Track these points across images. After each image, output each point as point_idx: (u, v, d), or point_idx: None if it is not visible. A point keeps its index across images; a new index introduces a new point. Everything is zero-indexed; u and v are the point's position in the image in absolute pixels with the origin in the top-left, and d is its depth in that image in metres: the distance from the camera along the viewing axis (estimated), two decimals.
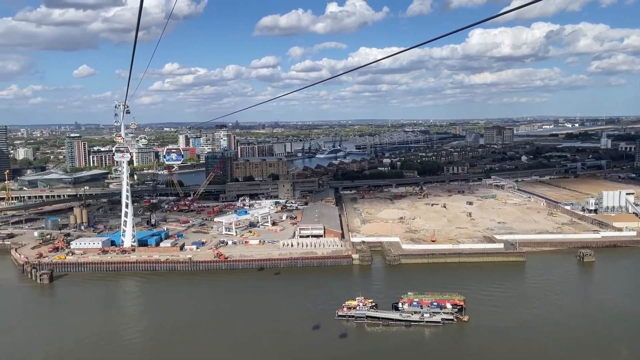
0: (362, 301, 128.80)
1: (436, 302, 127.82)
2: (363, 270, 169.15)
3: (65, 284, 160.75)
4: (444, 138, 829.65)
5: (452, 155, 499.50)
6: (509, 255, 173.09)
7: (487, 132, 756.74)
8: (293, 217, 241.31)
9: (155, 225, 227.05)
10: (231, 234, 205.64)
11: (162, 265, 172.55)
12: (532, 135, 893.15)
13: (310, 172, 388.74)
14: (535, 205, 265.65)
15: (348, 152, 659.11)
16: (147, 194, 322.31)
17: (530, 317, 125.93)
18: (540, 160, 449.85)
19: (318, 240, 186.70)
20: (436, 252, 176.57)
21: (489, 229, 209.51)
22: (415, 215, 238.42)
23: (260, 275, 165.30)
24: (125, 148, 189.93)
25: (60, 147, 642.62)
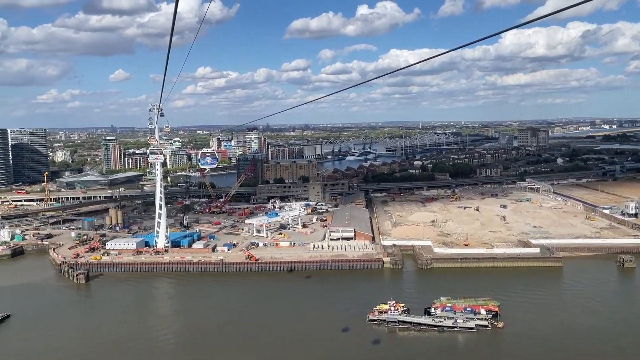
0: (393, 305, 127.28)
1: (470, 308, 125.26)
2: (394, 273, 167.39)
3: (101, 284, 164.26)
4: (476, 140, 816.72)
5: (484, 158, 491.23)
6: (545, 261, 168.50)
7: (521, 134, 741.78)
8: (323, 219, 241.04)
9: (188, 227, 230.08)
10: (262, 236, 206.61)
11: (194, 267, 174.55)
12: (567, 137, 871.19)
13: (341, 175, 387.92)
14: (572, 209, 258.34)
15: (378, 155, 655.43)
16: (180, 195, 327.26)
17: (568, 324, 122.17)
18: (576, 163, 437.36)
19: (348, 243, 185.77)
20: (469, 256, 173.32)
21: (523, 233, 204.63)
22: (448, 218, 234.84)
23: (290, 277, 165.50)
24: (159, 150, 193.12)
25: (97, 149, 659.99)
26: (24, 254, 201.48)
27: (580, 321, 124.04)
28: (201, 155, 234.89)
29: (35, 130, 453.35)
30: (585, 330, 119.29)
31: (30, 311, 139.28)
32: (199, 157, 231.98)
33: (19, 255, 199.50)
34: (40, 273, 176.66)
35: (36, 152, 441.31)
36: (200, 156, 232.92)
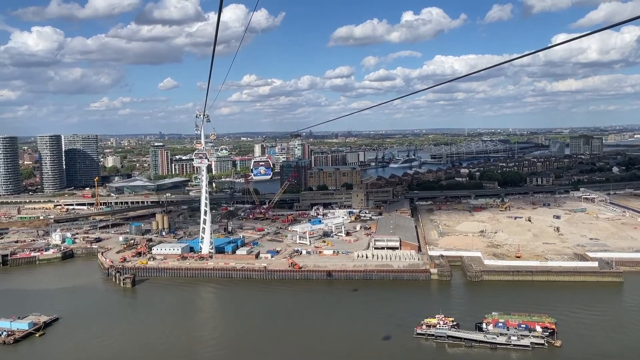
0: (442, 319, 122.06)
1: (524, 324, 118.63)
2: (442, 286, 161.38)
3: (147, 288, 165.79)
4: (525, 147, 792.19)
5: (535, 166, 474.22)
6: (605, 275, 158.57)
7: (572, 141, 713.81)
8: (367, 227, 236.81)
9: (232, 233, 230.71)
10: (305, 243, 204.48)
11: (237, 273, 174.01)
12: (622, 145, 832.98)
13: (384, 182, 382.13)
14: (631, 220, 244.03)
15: (423, 162, 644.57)
16: (225, 201, 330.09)
17: (630, 345, 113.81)
18: (634, 172, 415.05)
19: (394, 253, 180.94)
20: (522, 269, 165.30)
21: (579, 245, 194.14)
22: (497, 228, 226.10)
23: (334, 286, 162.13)
24: (204, 154, 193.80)
25: (145, 155, 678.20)
26: (74, 257, 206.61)
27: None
28: (254, 164, 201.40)
29: (88, 136, 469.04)
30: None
31: (78, 314, 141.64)
32: (252, 166, 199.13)
33: (69, 258, 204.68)
34: (88, 276, 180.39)
35: (88, 157, 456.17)
36: (252, 165, 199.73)
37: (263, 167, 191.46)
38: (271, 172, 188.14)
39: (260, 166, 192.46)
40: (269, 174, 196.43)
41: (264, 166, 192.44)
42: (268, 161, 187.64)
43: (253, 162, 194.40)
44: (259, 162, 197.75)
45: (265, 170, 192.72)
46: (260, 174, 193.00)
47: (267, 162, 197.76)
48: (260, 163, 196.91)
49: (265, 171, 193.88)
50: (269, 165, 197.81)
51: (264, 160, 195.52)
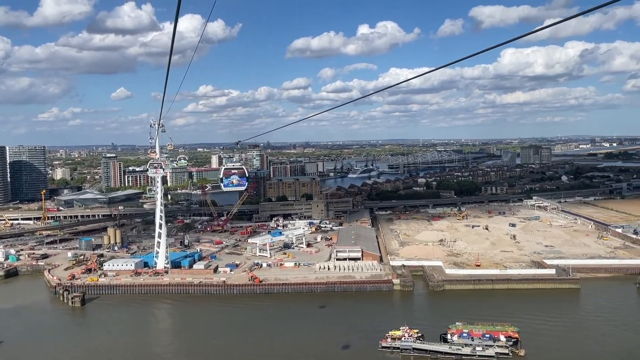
0: (407, 331, 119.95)
1: (488, 334, 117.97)
2: (404, 296, 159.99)
3: (97, 307, 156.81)
4: (479, 157, 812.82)
5: (489, 175, 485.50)
6: (562, 282, 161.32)
7: (523, 151, 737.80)
8: (328, 238, 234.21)
9: (189, 246, 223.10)
10: (265, 256, 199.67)
11: (195, 288, 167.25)
12: (569, 154, 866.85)
13: (344, 192, 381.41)
14: (582, 227, 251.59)
15: (381, 172, 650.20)
16: (181, 213, 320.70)
17: (591, 352, 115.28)
18: (582, 181, 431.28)
19: (356, 264, 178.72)
20: (483, 277, 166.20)
21: (536, 252, 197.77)
22: (456, 237, 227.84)
23: (296, 300, 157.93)
24: (159, 164, 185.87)
25: (97, 167, 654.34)
26: (18, 275, 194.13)
27: (603, 348, 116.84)
28: (224, 173, 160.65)
29: (34, 147, 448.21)
30: (610, 358, 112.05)
31: (22, 337, 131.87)
32: (221, 175, 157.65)
33: (12, 276, 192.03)
34: (33, 296, 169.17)
35: (35, 169, 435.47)
36: (222, 174, 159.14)
37: (236, 177, 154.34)
38: (246, 181, 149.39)
39: (233, 175, 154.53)
40: (243, 184, 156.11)
41: (237, 175, 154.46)
42: (243, 169, 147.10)
43: (223, 171, 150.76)
44: (231, 170, 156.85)
45: (238, 180, 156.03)
46: (232, 185, 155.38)
47: (242, 170, 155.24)
48: (233, 171, 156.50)
49: (239, 181, 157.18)
50: (243, 174, 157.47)
51: (237, 168, 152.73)
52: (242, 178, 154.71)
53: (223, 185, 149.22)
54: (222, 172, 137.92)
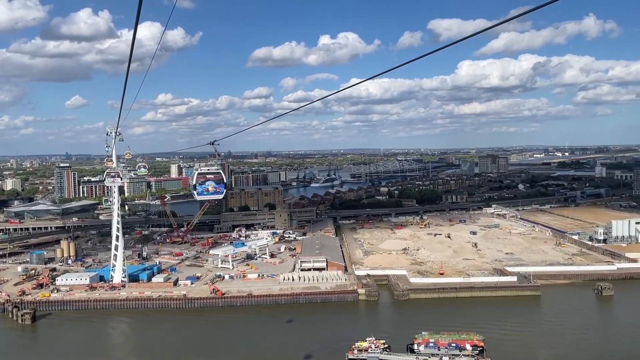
0: (373, 342, 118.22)
1: (454, 343, 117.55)
2: (370, 306, 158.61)
3: (49, 324, 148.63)
4: (438, 167, 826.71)
5: (449, 184, 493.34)
6: (524, 290, 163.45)
7: (481, 160, 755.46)
8: (292, 248, 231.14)
9: (147, 259, 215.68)
10: (227, 267, 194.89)
11: (154, 303, 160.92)
12: (524, 164, 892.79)
13: (307, 201, 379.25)
14: (540, 235, 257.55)
15: (343, 181, 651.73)
16: (139, 225, 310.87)
17: (556, 357, 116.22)
18: (538, 189, 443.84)
19: (321, 274, 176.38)
20: (447, 286, 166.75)
21: (497, 260, 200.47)
22: (419, 245, 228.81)
23: (260, 312, 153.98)
24: (116, 173, 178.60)
25: (50, 177, 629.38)
26: None
27: (567, 355, 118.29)
28: (197, 178, 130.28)
29: None
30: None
31: None
32: (193, 181, 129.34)
33: None
34: None
35: None
36: (195, 180, 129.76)
37: (212, 183, 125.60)
38: (224, 188, 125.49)
39: (208, 181, 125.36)
40: (220, 192, 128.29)
41: (213, 180, 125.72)
42: (220, 173, 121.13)
43: (196, 176, 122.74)
44: (206, 175, 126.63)
45: (215, 186, 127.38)
46: (208, 192, 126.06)
47: (219, 175, 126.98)
48: (208, 176, 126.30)
49: (216, 188, 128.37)
50: (220, 179, 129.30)
51: (214, 172, 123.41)
52: (219, 184, 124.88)
53: (196, 194, 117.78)
54: (194, 177, 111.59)
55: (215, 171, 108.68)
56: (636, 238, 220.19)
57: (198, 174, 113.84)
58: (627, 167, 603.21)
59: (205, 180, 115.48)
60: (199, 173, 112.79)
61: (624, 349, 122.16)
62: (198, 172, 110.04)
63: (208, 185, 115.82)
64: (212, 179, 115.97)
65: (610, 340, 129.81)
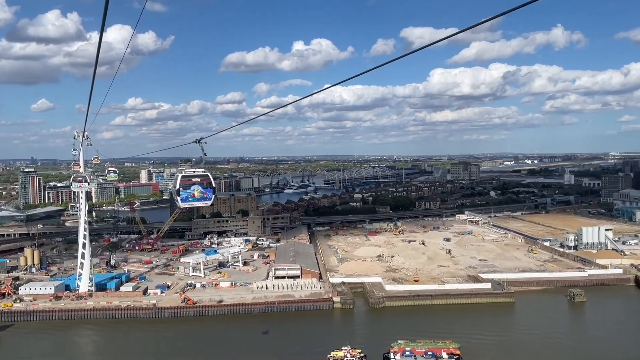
0: (349, 352, 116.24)
1: (430, 351, 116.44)
2: (345, 314, 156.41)
3: (11, 336, 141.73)
4: (411, 173, 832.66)
5: (422, 191, 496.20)
6: (498, 296, 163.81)
7: (453, 167, 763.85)
8: (265, 255, 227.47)
9: (115, 267, 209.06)
10: (199, 276, 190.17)
11: (122, 312, 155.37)
12: (495, 171, 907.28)
13: (281, 208, 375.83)
14: (513, 241, 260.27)
15: (317, 187, 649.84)
16: (107, 232, 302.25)
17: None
18: (509, 196, 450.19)
19: (295, 282, 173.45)
20: (422, 293, 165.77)
21: (471, 267, 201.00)
22: (394, 252, 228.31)
23: (233, 322, 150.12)
24: (83, 178, 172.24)
25: (14, 182, 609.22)
26: None
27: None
28: (181, 182, 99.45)
29: None
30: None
31: None
32: (176, 185, 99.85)
33: None
34: None
35: None
36: (179, 184, 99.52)
37: (198, 187, 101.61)
38: (212, 193, 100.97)
39: (194, 185, 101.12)
40: (209, 197, 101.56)
41: (199, 184, 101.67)
42: (208, 176, 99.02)
43: (179, 179, 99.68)
44: (191, 179, 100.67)
45: (201, 191, 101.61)
46: (194, 199, 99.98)
47: (206, 178, 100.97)
48: (194, 179, 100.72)
49: (203, 193, 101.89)
50: (208, 183, 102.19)
51: (201, 175, 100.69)
52: (207, 189, 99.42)
53: (180, 200, 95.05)
54: (177, 181, 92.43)
55: (202, 174, 77.58)
56: (606, 244, 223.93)
57: (182, 177, 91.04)
58: (594, 174, 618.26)
59: (190, 184, 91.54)
60: (183, 176, 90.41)
61: (599, 354, 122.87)
62: (182, 175, 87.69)
63: (194, 190, 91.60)
64: (199, 182, 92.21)
65: (585, 346, 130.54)
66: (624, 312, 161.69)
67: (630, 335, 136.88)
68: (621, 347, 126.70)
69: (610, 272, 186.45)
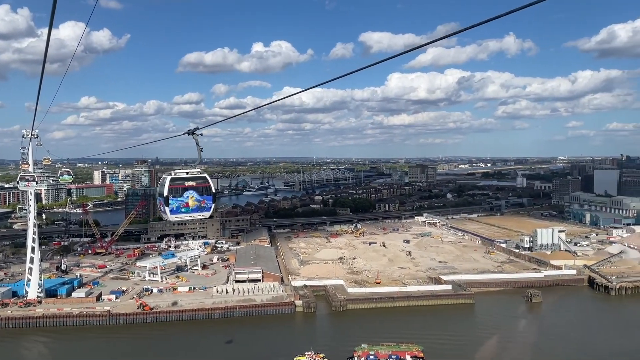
0: (312, 357, 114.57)
1: (395, 355, 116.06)
2: (307, 318, 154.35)
3: None
4: (370, 176, 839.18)
5: (381, 193, 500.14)
6: (458, 298, 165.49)
7: (411, 170, 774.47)
8: (225, 259, 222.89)
9: (67, 272, 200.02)
10: (156, 280, 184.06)
11: (74, 320, 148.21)
12: (451, 173, 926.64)
13: (240, 210, 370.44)
14: (470, 243, 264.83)
15: (277, 189, 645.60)
16: (58, 235, 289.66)
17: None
18: (465, 198, 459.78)
19: (256, 286, 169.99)
20: (384, 295, 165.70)
21: (431, 268, 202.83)
22: (355, 254, 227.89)
23: (191, 328, 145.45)
24: (31, 176, 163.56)
25: None
26: None
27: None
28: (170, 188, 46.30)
29: None
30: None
31: None
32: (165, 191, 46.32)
33: None
34: None
35: None
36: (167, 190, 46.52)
37: (193, 194, 49.29)
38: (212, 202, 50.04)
39: (189, 191, 48.98)
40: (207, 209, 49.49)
41: (194, 190, 49.22)
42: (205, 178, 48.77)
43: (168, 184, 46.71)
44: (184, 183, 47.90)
45: (197, 199, 49.17)
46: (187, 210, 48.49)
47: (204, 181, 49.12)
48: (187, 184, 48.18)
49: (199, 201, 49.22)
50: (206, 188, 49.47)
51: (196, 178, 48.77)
52: (204, 196, 51.91)
53: (169, 212, 48.41)
54: (165, 186, 47.95)
55: (198, 176, 51.98)
56: (559, 246, 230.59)
57: (172, 180, 52.28)
58: (544, 177, 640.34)
59: (183, 189, 53.04)
60: (172, 179, 52.19)
61: (559, 351, 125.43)
62: (171, 178, 51.14)
63: (187, 198, 54.59)
64: (194, 187, 54.20)
65: (545, 344, 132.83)
66: (579, 311, 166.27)
67: (585, 333, 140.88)
68: (578, 345, 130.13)
69: (565, 273, 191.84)
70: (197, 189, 48.74)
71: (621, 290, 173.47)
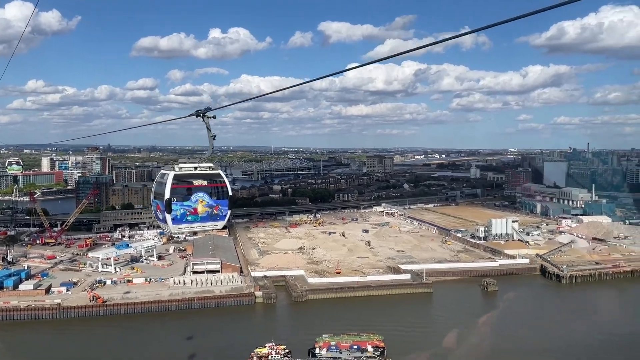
0: (274, 348, 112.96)
1: (356, 345, 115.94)
2: (268, 309, 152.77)
3: None
4: (329, 166, 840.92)
5: (340, 183, 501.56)
6: (417, 287, 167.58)
7: (369, 160, 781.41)
8: (182, 249, 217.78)
9: (13, 263, 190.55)
10: (109, 271, 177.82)
11: (22, 314, 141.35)
12: (407, 164, 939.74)
13: None
14: (427, 233, 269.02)
15: (235, 178, 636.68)
16: (3, 224, 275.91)
17: (453, 353, 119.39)
18: (422, 189, 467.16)
19: (215, 277, 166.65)
20: (344, 285, 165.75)
21: (389, 258, 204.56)
22: (315, 244, 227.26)
23: (147, 321, 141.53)
24: None
25: None
26: None
27: (463, 352, 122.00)
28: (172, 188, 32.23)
29: None
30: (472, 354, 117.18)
31: None
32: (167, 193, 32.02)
33: None
34: None
35: None
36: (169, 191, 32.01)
37: (204, 196, 32.94)
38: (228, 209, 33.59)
39: (197, 191, 32.80)
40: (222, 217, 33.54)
41: (204, 192, 32.96)
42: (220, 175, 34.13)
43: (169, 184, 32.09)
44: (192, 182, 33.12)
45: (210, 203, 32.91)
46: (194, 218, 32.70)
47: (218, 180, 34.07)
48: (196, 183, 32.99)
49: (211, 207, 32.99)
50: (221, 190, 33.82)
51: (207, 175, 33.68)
52: (218, 199, 33.72)
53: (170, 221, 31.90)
54: (167, 186, 31.31)
55: (211, 172, 34.23)
56: (512, 235, 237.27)
57: (175, 177, 32.43)
58: (496, 169, 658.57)
59: (191, 189, 33.24)
60: (176, 175, 32.51)
61: (516, 337, 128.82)
62: (175, 174, 32.39)
63: (196, 203, 33.65)
64: (205, 187, 33.91)
65: (502, 330, 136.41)
66: (533, 298, 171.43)
67: (540, 319, 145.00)
68: (534, 330, 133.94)
69: (518, 262, 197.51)
70: (208, 190, 34.74)
71: (571, 278, 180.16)
